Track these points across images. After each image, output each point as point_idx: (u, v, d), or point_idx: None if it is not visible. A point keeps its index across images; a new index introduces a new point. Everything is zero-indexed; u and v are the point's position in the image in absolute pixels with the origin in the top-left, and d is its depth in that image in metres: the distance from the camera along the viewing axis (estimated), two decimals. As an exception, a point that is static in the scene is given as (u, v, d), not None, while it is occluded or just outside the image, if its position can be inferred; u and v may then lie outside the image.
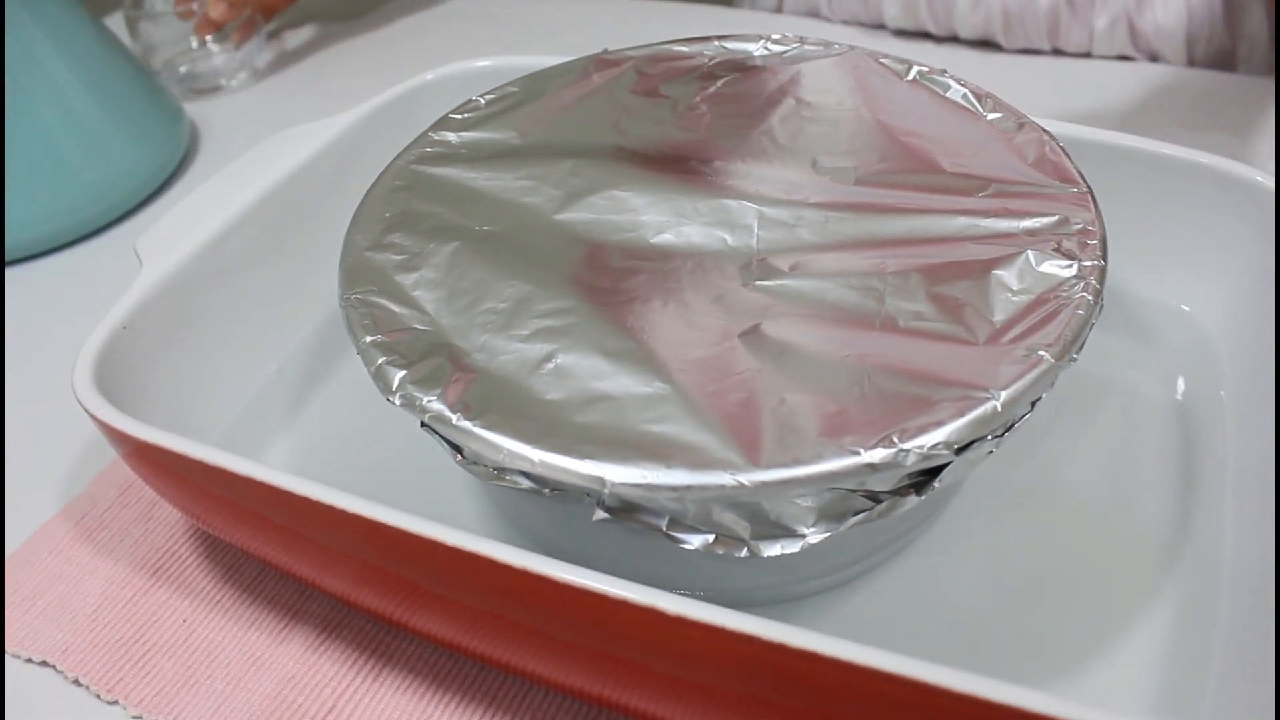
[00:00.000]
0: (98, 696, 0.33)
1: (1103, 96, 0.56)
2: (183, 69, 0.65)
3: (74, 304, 0.50)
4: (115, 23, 0.69)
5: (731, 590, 0.32)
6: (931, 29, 0.62)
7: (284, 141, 0.41)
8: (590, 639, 0.27)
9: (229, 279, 0.39)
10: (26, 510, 0.39)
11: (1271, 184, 0.36)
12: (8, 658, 0.35)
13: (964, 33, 0.61)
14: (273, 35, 0.69)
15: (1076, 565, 0.33)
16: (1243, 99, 0.54)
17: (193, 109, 0.62)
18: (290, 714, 0.32)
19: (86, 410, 0.32)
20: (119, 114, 0.54)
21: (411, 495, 0.27)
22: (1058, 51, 0.60)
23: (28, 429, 0.43)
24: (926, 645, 0.31)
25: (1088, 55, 0.60)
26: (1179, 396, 0.38)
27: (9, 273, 0.52)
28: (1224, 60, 0.59)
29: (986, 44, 0.61)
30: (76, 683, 0.34)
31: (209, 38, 0.65)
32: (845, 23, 0.66)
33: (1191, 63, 0.59)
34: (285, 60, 0.68)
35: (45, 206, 0.52)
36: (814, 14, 0.67)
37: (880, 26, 0.64)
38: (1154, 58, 0.59)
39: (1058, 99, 0.56)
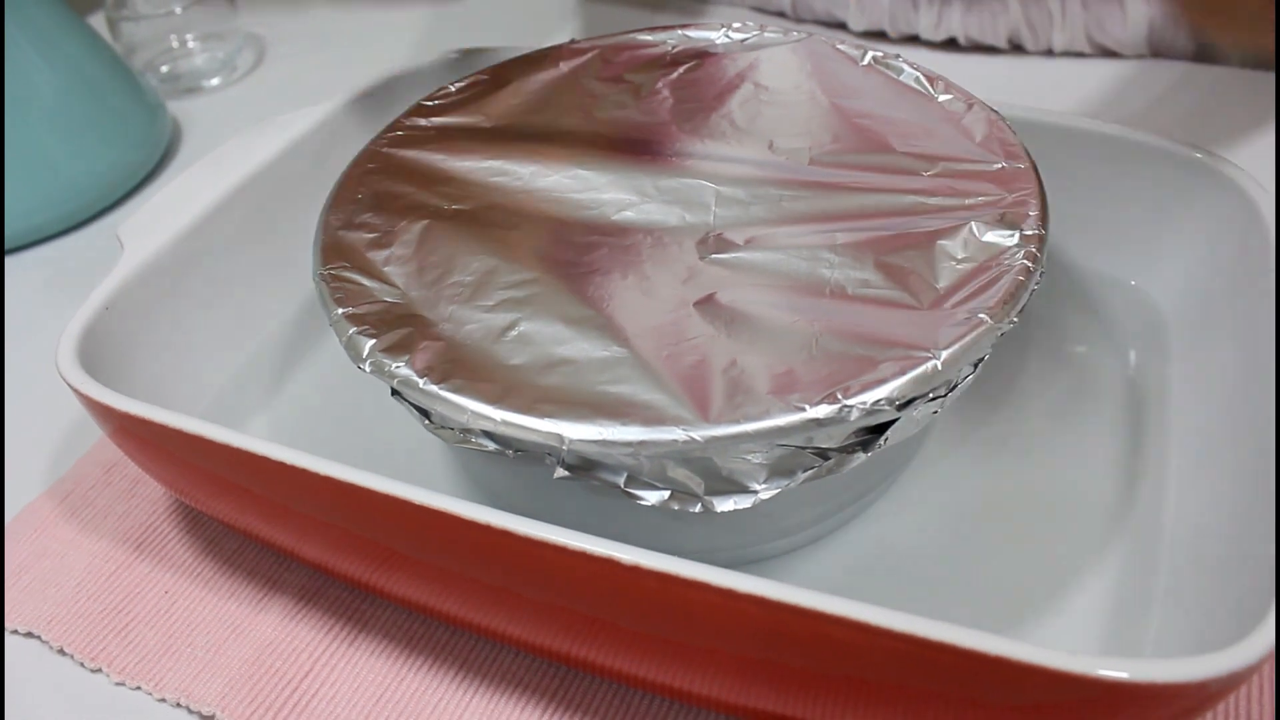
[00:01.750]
0: (82, 665, 0.34)
1: (1064, 88, 0.58)
2: (164, 69, 0.66)
3: (56, 295, 0.51)
4: (97, 23, 0.70)
5: (691, 553, 0.33)
6: (893, 36, 0.63)
7: (264, 130, 0.43)
8: (554, 595, 0.28)
9: (210, 262, 0.40)
10: (12, 491, 0.40)
11: (1217, 164, 0.38)
12: (-6, 629, 0.36)
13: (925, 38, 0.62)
14: (252, 35, 0.71)
15: (1027, 527, 0.35)
16: (1197, 86, 0.56)
17: (174, 106, 0.63)
18: (269, 678, 0.33)
19: (71, 386, 0.33)
20: (101, 109, 0.55)
21: (386, 469, 0.28)
22: (1017, 48, 0.61)
23: (12, 414, 0.44)
24: (881, 602, 0.32)
25: (1049, 52, 0.61)
26: (1129, 369, 0.39)
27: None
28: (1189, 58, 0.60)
29: (949, 42, 0.63)
30: (61, 652, 0.35)
31: (189, 36, 0.66)
32: (807, 22, 0.67)
33: None
34: (265, 60, 0.69)
35: (27, 200, 0.53)
36: (780, 15, 0.68)
37: (842, 26, 0.65)
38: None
39: (1017, 93, 0.57)
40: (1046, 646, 0.23)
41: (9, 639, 0.35)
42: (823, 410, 0.26)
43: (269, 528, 0.34)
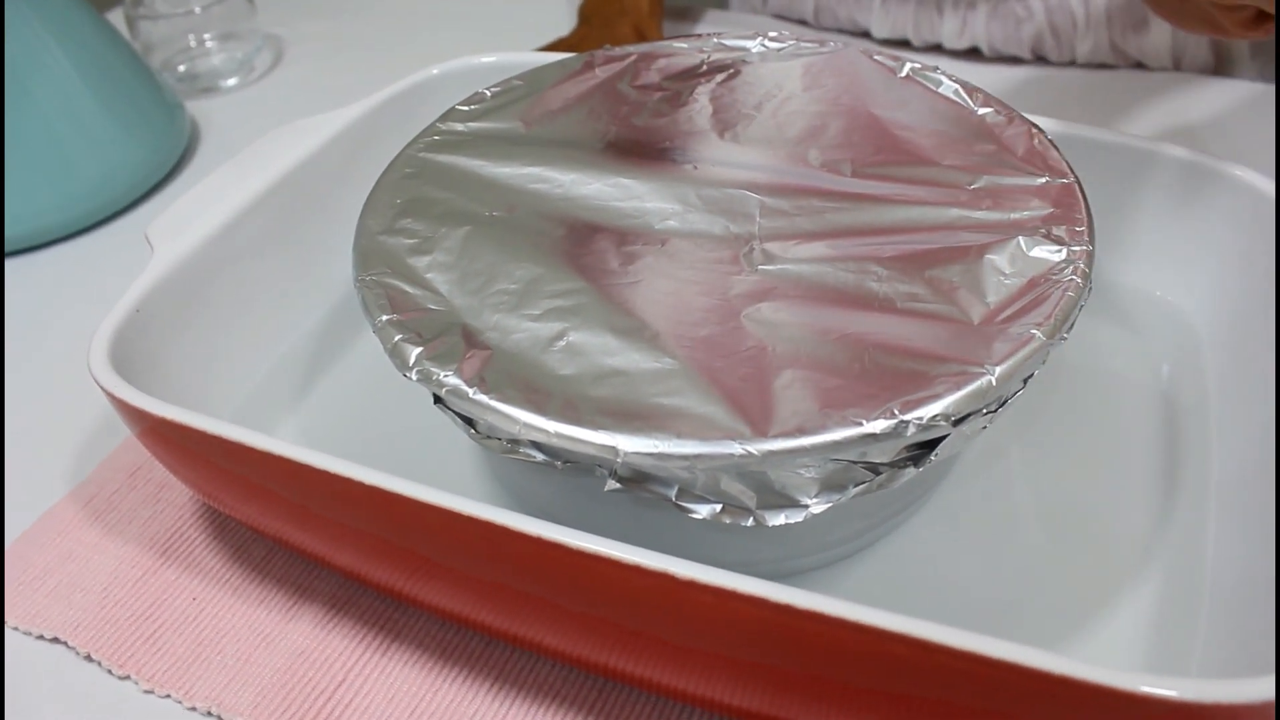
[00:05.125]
0: (109, 672, 0.34)
1: (1086, 101, 0.58)
2: (181, 68, 0.66)
3: (77, 293, 0.50)
4: (115, 20, 0.69)
5: (731, 565, 0.33)
6: (916, 45, 0.63)
7: (293, 132, 0.42)
8: (600, 607, 0.28)
9: (239, 264, 0.40)
10: (35, 493, 0.40)
11: (1250, 178, 0.38)
12: (19, 634, 0.35)
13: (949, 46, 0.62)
14: (271, 36, 0.70)
15: (1066, 541, 0.34)
16: (1224, 99, 0.56)
17: (191, 106, 0.63)
18: (300, 688, 0.33)
19: (103, 389, 0.32)
20: (120, 107, 0.55)
21: (415, 474, 0.28)
22: (1040, 58, 0.62)
23: (34, 414, 0.43)
24: (920, 615, 0.32)
25: (1072, 63, 0.61)
26: (1163, 383, 0.39)
27: (13, 262, 0.53)
28: (1209, 71, 0.60)
29: (972, 51, 0.63)
30: (89, 658, 0.34)
31: (207, 36, 0.66)
32: (830, 29, 0.67)
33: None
34: (283, 61, 0.68)
35: (47, 198, 0.52)
36: (802, 22, 0.68)
37: (865, 34, 0.65)
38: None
39: (1043, 104, 0.57)
40: (1095, 664, 0.23)
41: (35, 644, 0.35)
42: (879, 425, 0.26)
43: (300, 534, 0.34)
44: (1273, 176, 0.37)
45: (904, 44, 0.64)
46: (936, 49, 0.63)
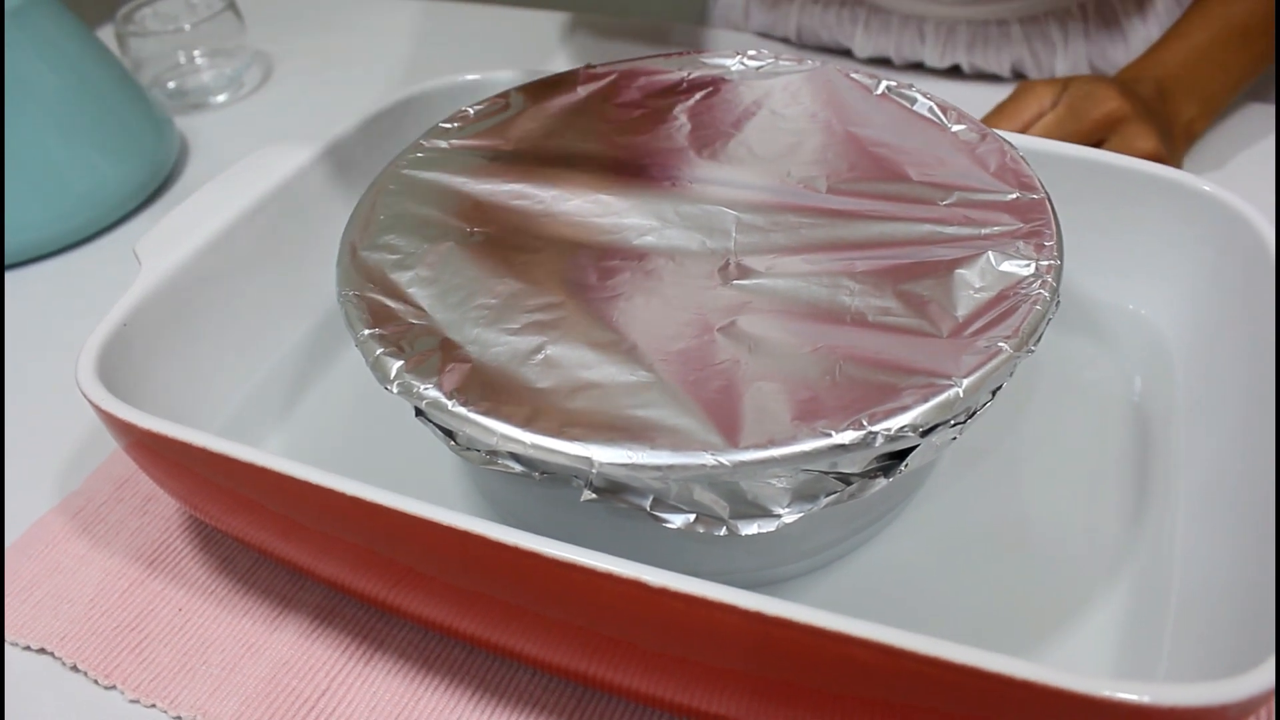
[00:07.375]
0: (95, 682, 0.34)
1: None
2: (171, 84, 0.67)
3: (66, 308, 0.51)
4: (105, 37, 0.70)
5: (708, 575, 0.33)
6: (897, 64, 0.64)
7: (280, 149, 0.43)
8: (577, 615, 0.29)
9: (226, 280, 0.40)
10: (23, 505, 0.40)
11: (1223, 194, 0.38)
12: (6, 645, 0.35)
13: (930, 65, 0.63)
14: (260, 53, 0.71)
15: (1039, 549, 0.35)
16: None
17: (181, 122, 0.63)
18: (284, 697, 0.33)
19: (91, 402, 0.33)
20: (110, 123, 0.55)
21: (399, 487, 0.28)
22: (1020, 76, 0.62)
23: (24, 427, 0.44)
24: (894, 623, 0.33)
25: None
26: (1135, 395, 0.40)
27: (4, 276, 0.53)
28: None
29: (953, 69, 0.63)
30: (74, 668, 0.35)
31: (197, 52, 0.67)
32: (812, 48, 0.68)
33: None
34: (272, 77, 0.69)
35: (38, 213, 0.53)
36: (785, 40, 0.69)
37: (847, 53, 0.66)
38: None
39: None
40: (1064, 669, 0.23)
41: (21, 655, 0.35)
42: (848, 436, 0.27)
43: (285, 545, 0.34)
44: (1237, 192, 0.38)
45: (885, 63, 0.65)
46: (918, 67, 0.64)
